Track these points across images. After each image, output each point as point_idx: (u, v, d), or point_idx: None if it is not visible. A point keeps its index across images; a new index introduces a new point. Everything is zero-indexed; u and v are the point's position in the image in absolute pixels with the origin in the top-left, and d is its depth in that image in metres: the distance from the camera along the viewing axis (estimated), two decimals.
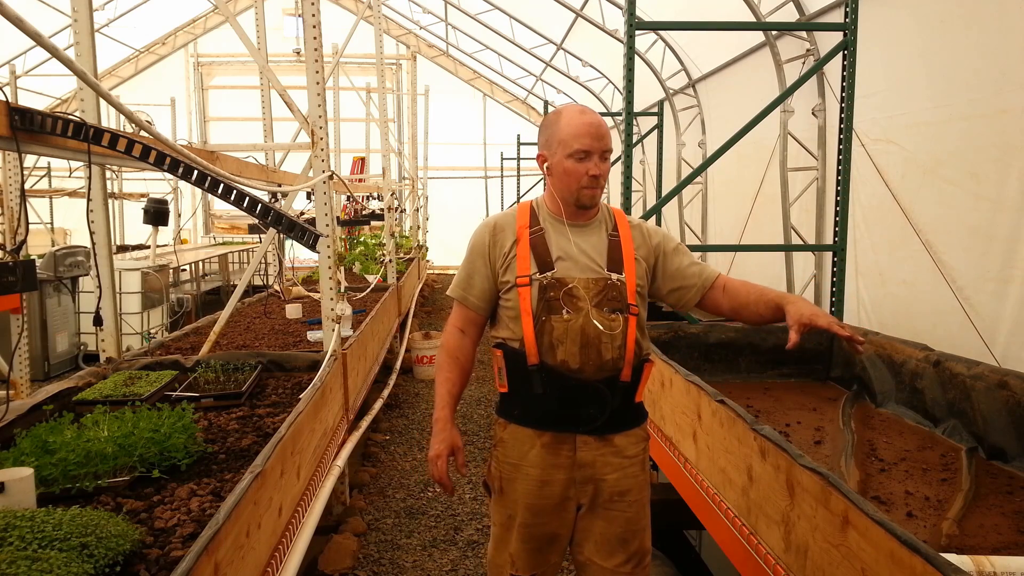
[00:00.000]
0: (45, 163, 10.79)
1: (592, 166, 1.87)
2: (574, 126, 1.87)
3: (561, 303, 1.84)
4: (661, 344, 3.82)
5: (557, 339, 1.83)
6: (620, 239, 1.94)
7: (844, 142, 3.93)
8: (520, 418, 1.90)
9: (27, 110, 2.15)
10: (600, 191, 1.92)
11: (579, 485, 1.88)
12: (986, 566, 1.69)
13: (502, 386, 1.92)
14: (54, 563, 1.46)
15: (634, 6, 3.88)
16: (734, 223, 6.74)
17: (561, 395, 1.84)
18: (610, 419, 1.87)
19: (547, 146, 1.94)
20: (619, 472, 1.89)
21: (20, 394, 3.67)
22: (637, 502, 1.92)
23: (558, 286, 1.85)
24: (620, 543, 1.90)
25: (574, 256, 1.90)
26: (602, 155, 1.89)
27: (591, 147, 1.86)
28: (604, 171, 1.90)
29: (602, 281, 1.87)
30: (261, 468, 1.93)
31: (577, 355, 1.82)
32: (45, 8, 10.40)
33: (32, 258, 3.85)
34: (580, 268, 1.89)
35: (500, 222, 2.00)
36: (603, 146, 1.89)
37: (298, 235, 2.93)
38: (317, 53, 3.44)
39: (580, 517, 1.92)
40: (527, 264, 1.88)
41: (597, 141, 1.87)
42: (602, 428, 1.87)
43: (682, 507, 3.08)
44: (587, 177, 1.87)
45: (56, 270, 6.88)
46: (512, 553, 1.92)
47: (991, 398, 2.73)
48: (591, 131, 1.87)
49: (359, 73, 12.73)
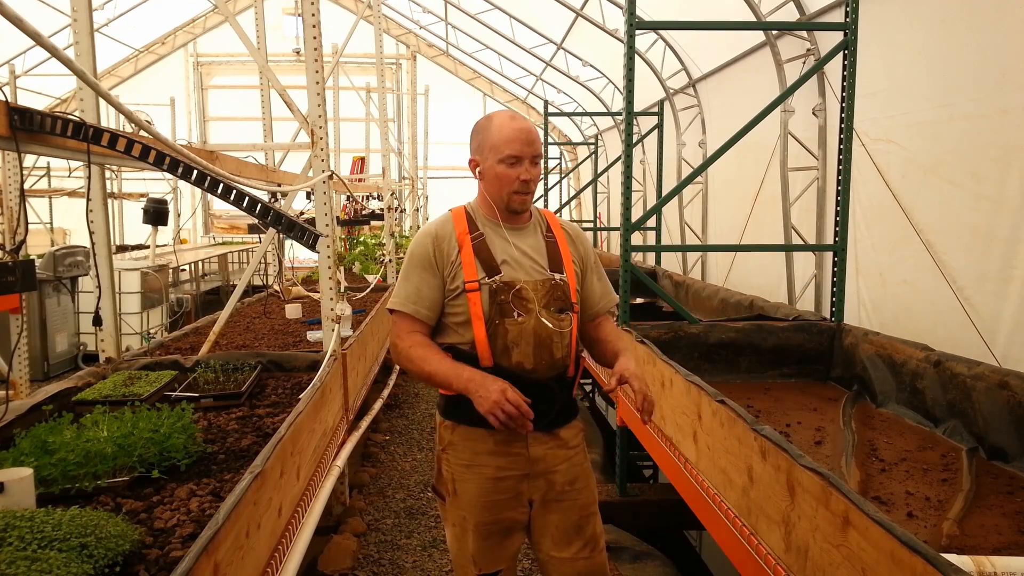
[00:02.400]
0: (44, 163, 10.79)
1: (523, 171, 1.91)
2: (505, 132, 1.90)
3: (512, 306, 1.88)
4: (661, 344, 3.82)
5: (512, 341, 1.87)
6: (556, 241, 2.01)
7: (844, 142, 3.93)
8: (471, 419, 1.85)
9: (27, 110, 2.15)
10: (530, 196, 1.97)
11: (531, 480, 1.93)
12: (987, 566, 1.69)
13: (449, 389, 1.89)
14: (53, 563, 1.46)
15: (634, 6, 3.88)
16: (734, 223, 6.74)
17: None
18: (558, 414, 1.95)
19: (479, 151, 1.98)
20: (567, 463, 1.96)
21: (19, 394, 3.67)
22: (586, 488, 1.99)
23: (507, 289, 1.89)
24: (576, 531, 1.96)
25: (517, 259, 1.94)
26: (532, 160, 1.93)
27: (521, 152, 1.90)
28: (535, 176, 1.94)
29: (548, 282, 1.93)
30: (261, 468, 1.92)
31: (532, 356, 1.87)
32: (45, 8, 10.39)
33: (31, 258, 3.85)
34: (525, 270, 1.93)
35: (439, 231, 1.99)
36: (533, 151, 1.93)
37: (298, 235, 2.93)
38: (317, 53, 3.44)
39: (535, 514, 1.96)
40: (473, 270, 1.91)
41: (528, 147, 1.91)
42: (550, 423, 1.93)
43: (682, 507, 3.08)
44: (518, 182, 1.91)
45: (55, 270, 6.88)
46: (472, 553, 1.93)
47: (992, 398, 2.73)
48: (521, 136, 1.90)
49: (359, 73, 12.73)
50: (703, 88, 7.73)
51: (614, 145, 12.76)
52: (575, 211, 15.63)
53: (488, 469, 1.91)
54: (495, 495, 1.91)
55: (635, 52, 3.97)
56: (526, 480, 1.92)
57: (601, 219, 12.99)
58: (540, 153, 1.96)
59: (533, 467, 1.91)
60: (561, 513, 1.94)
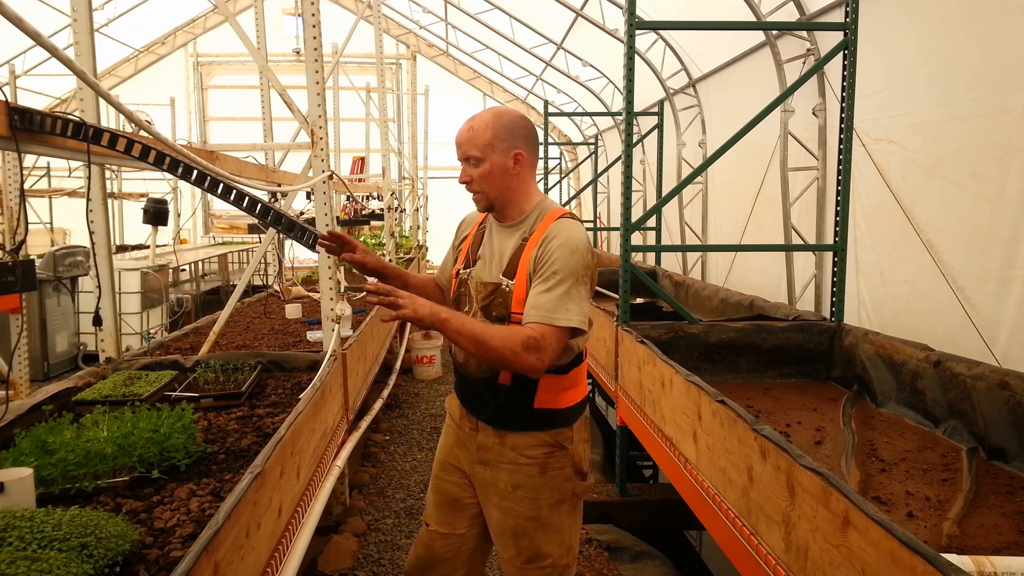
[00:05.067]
0: (44, 163, 10.79)
1: (461, 173, 1.97)
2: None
3: (460, 301, 2.01)
4: (661, 344, 3.82)
5: None
6: (526, 246, 1.91)
7: (844, 142, 3.93)
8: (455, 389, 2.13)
9: (26, 110, 2.15)
10: (480, 195, 1.97)
11: (479, 465, 2.02)
12: (987, 566, 1.69)
13: None
14: (53, 563, 1.46)
15: (634, 6, 3.88)
16: (734, 223, 6.74)
17: (459, 381, 2.09)
18: (498, 416, 1.96)
19: None
20: (513, 466, 1.96)
21: (19, 394, 3.66)
22: (528, 499, 1.95)
23: (460, 283, 2.02)
24: (512, 537, 1.97)
25: (487, 257, 2.00)
26: (466, 161, 1.94)
27: (457, 157, 1.97)
28: (474, 176, 1.94)
29: (492, 285, 1.94)
30: (261, 468, 1.92)
31: (461, 351, 1.96)
32: (44, 8, 10.39)
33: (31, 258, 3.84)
34: (484, 270, 1.98)
35: (468, 218, 2.18)
36: (462, 154, 1.94)
37: (298, 235, 2.93)
38: (317, 53, 3.44)
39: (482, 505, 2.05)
40: (462, 259, 2.06)
41: (457, 150, 1.95)
42: (492, 422, 1.98)
43: (682, 507, 3.08)
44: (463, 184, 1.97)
45: (55, 270, 6.88)
46: (428, 502, 2.15)
47: (992, 398, 2.73)
48: (456, 140, 1.95)
49: (359, 73, 12.72)
50: (703, 88, 7.73)
51: (614, 145, 12.76)
52: (575, 211, 15.64)
53: (450, 436, 2.13)
54: (449, 457, 2.11)
55: (635, 52, 3.97)
56: (477, 464, 2.02)
57: (601, 219, 12.99)
58: (473, 154, 1.92)
59: (479, 453, 2.01)
60: (502, 512, 1.98)
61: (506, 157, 1.94)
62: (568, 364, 1.95)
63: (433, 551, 2.09)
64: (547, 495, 1.95)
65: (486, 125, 1.93)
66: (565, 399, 1.96)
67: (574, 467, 1.98)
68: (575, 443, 1.98)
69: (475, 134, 1.93)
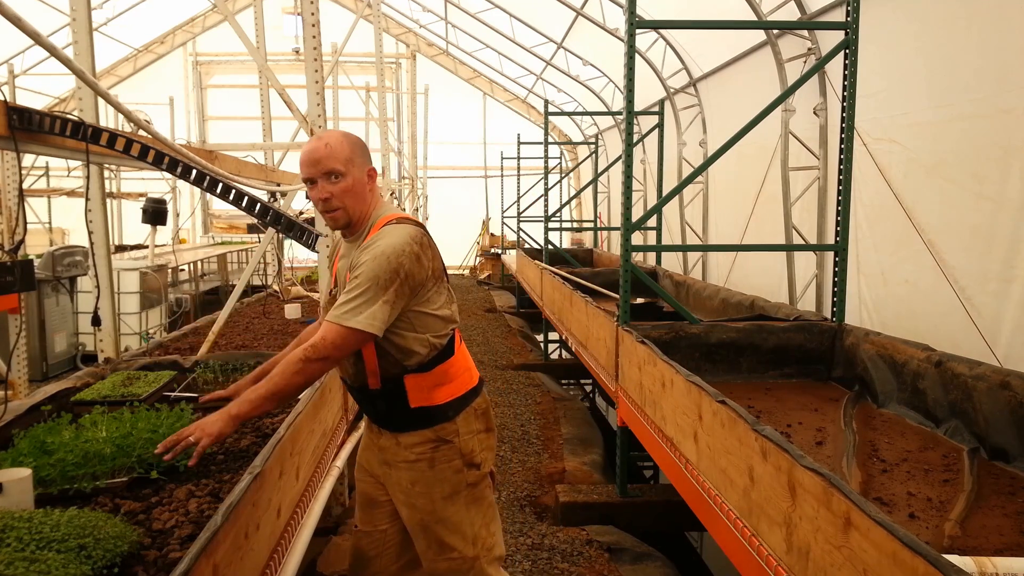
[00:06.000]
0: (43, 162, 10.78)
1: (319, 191, 1.93)
2: (301, 158, 1.95)
3: None
4: (662, 344, 3.81)
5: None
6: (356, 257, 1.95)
7: (845, 141, 3.92)
8: None
9: (25, 109, 2.15)
10: (340, 211, 1.95)
11: (384, 467, 2.12)
12: (988, 567, 1.68)
13: None
14: (52, 564, 1.45)
15: (635, 5, 3.87)
16: (735, 223, 6.73)
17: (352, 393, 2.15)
18: (381, 418, 2.09)
19: None
20: (408, 464, 2.06)
21: (18, 394, 3.66)
22: (424, 494, 2.05)
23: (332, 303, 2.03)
24: (421, 529, 2.09)
25: (339, 274, 2.06)
26: (326, 177, 1.92)
27: (310, 174, 1.93)
28: (335, 192, 1.92)
29: (333, 301, 2.02)
30: (260, 469, 1.92)
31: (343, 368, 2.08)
32: (44, 7, 10.38)
33: (30, 258, 3.84)
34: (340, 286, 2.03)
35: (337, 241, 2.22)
36: (322, 169, 1.91)
37: (297, 235, 2.92)
38: (316, 52, 3.43)
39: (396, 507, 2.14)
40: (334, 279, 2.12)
41: (313, 167, 1.92)
42: (382, 424, 2.09)
43: (683, 508, 3.07)
44: (320, 202, 1.94)
45: (54, 270, 6.87)
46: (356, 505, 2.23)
47: (993, 398, 2.72)
48: (306, 159, 1.93)
49: (358, 72, 12.73)
50: (704, 87, 7.73)
51: (614, 145, 12.76)
52: (575, 211, 15.64)
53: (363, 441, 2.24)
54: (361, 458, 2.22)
55: (635, 51, 3.96)
56: (381, 465, 2.13)
57: (601, 219, 12.99)
58: (333, 168, 1.91)
59: (381, 454, 2.12)
60: (408, 508, 2.09)
61: (363, 172, 1.98)
62: (429, 362, 2.00)
63: (361, 549, 2.20)
64: (439, 488, 2.05)
65: (341, 141, 1.95)
66: (440, 395, 2.04)
67: (463, 459, 2.06)
68: (461, 436, 2.06)
69: (333, 150, 1.92)
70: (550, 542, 3.72)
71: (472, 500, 2.08)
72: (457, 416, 2.06)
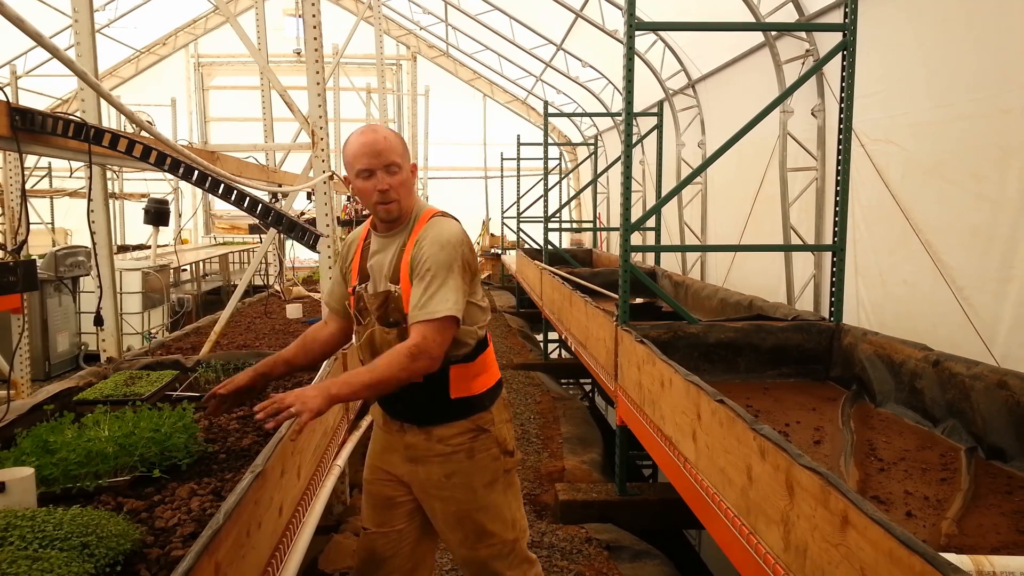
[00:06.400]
0: (46, 163, 10.79)
1: (378, 182, 1.96)
2: (354, 148, 1.98)
3: (360, 314, 2.08)
4: (661, 344, 3.82)
5: (360, 345, 2.10)
6: (406, 250, 2.00)
7: (844, 142, 3.93)
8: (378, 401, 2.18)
9: (28, 110, 2.16)
10: (395, 204, 2.00)
11: (409, 464, 2.10)
12: (985, 566, 1.69)
13: None
14: (55, 563, 1.46)
15: (634, 6, 3.89)
16: (734, 223, 6.74)
17: None
18: (421, 413, 2.06)
19: (346, 170, 2.06)
20: (443, 457, 2.06)
21: (21, 394, 3.67)
22: (463, 485, 2.07)
23: (358, 299, 2.07)
24: (457, 522, 2.10)
25: (375, 269, 2.06)
26: (386, 169, 1.97)
27: (371, 165, 1.96)
28: (393, 184, 1.98)
29: (383, 294, 2.02)
30: (261, 468, 1.93)
31: (369, 360, 2.04)
32: (46, 8, 10.40)
33: (33, 258, 3.85)
34: (374, 281, 2.05)
35: (351, 236, 2.20)
36: (383, 161, 1.97)
37: (298, 235, 2.94)
38: (317, 53, 3.45)
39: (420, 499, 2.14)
40: (355, 276, 2.11)
41: (375, 158, 1.96)
42: (417, 420, 2.07)
43: (682, 506, 3.08)
44: (376, 193, 1.97)
45: (57, 270, 6.88)
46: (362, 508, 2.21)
47: (990, 398, 2.73)
48: (367, 150, 1.96)
49: (359, 73, 12.74)
50: (702, 89, 7.74)
51: (614, 146, 12.77)
52: (575, 211, 15.64)
53: (379, 440, 2.20)
54: (381, 462, 2.18)
55: (634, 53, 3.97)
56: (408, 463, 2.11)
57: (601, 219, 13.00)
58: (394, 160, 1.97)
59: (409, 452, 2.10)
60: (442, 502, 2.09)
61: (409, 167, 2.05)
62: (473, 352, 2.07)
63: (376, 550, 2.18)
64: (479, 477, 2.08)
65: (394, 136, 2.03)
66: (478, 385, 2.08)
67: (499, 447, 2.11)
68: (496, 424, 2.11)
69: (391, 143, 1.99)
70: (550, 540, 3.73)
71: (507, 485, 2.14)
72: (492, 405, 2.11)
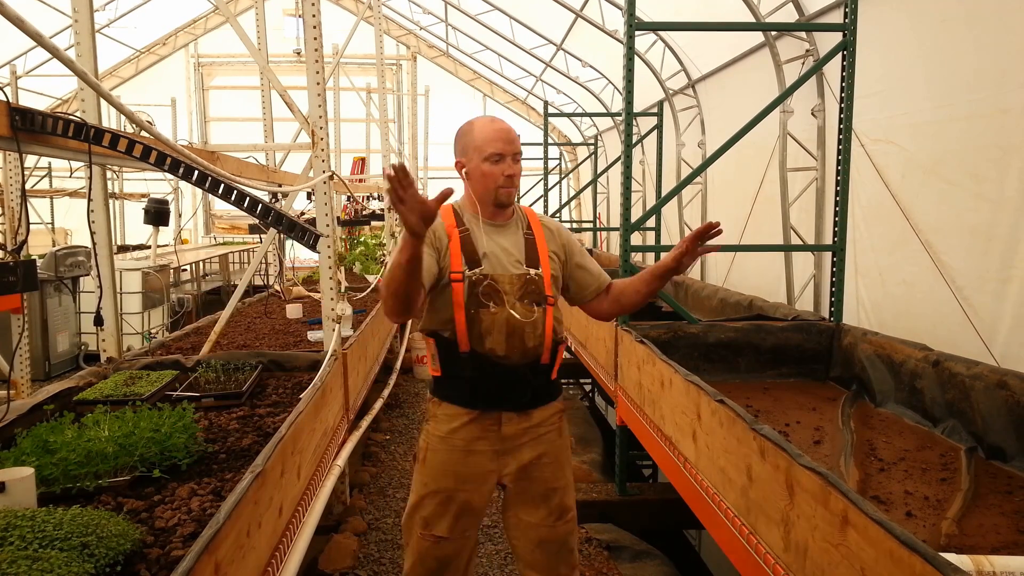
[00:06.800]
0: (46, 163, 10.79)
1: (506, 167, 2.08)
2: (487, 132, 2.09)
3: (488, 297, 2.06)
4: (660, 344, 3.82)
5: (486, 330, 2.03)
6: (535, 237, 2.16)
7: (843, 142, 3.93)
8: (451, 397, 2.10)
9: (28, 110, 2.16)
10: (515, 190, 2.15)
11: (502, 457, 2.10)
12: (985, 566, 1.69)
13: (435, 370, 2.13)
14: (55, 563, 1.46)
15: (634, 7, 3.89)
16: (734, 223, 6.74)
17: (489, 378, 2.05)
18: (534, 396, 2.12)
19: (463, 153, 2.15)
20: (535, 440, 2.12)
21: (21, 394, 3.67)
22: (553, 462, 2.15)
23: (483, 281, 2.06)
24: (542, 499, 2.13)
25: (497, 254, 2.10)
26: (514, 157, 2.10)
27: (504, 150, 2.07)
28: (517, 172, 2.12)
29: (523, 276, 2.09)
30: (261, 468, 1.93)
31: (503, 343, 2.03)
32: (46, 8, 10.39)
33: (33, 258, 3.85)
34: (503, 265, 2.09)
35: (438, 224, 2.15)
36: (514, 149, 2.11)
37: (298, 235, 2.94)
38: (317, 53, 3.44)
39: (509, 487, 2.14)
40: (459, 261, 2.08)
41: (508, 145, 2.09)
42: (527, 405, 2.11)
43: (682, 506, 3.08)
44: (503, 177, 2.08)
45: (57, 270, 6.88)
46: (426, 517, 2.10)
47: (990, 398, 2.74)
48: (502, 136, 2.09)
49: (359, 73, 12.73)
50: (702, 89, 7.74)
51: (614, 145, 12.76)
52: (575, 211, 15.63)
53: (460, 442, 2.08)
54: (465, 468, 2.08)
55: (634, 53, 3.97)
56: (497, 457, 2.09)
57: (601, 219, 12.99)
58: (520, 152, 2.13)
59: (504, 444, 2.09)
60: (528, 481, 2.12)
61: None
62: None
63: (444, 559, 2.12)
64: (565, 455, 2.19)
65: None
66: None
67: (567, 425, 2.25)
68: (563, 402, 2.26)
69: (516, 135, 2.14)
70: None
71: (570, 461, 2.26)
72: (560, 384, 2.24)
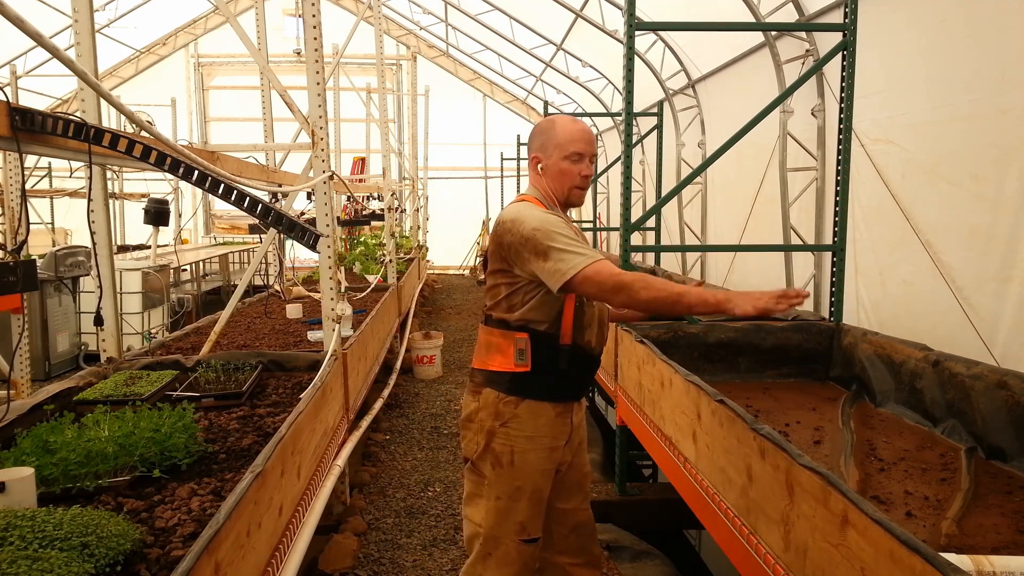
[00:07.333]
0: (46, 163, 10.79)
1: (584, 167, 2.12)
2: (569, 131, 2.10)
3: None
4: (660, 344, 3.83)
5: (587, 323, 2.10)
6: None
7: (843, 142, 3.93)
8: (539, 393, 2.07)
9: (28, 110, 2.16)
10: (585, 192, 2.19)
11: (569, 446, 2.18)
12: (985, 566, 1.69)
13: (523, 366, 2.04)
14: (55, 563, 1.46)
15: (634, 6, 3.89)
16: (734, 223, 6.74)
17: (581, 370, 2.12)
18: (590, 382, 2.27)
19: (542, 149, 2.14)
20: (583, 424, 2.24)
21: (21, 394, 3.67)
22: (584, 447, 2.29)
23: None
24: (577, 486, 2.23)
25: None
26: (591, 159, 2.15)
27: (584, 151, 2.11)
28: (590, 174, 2.17)
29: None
30: (261, 468, 1.93)
31: (596, 335, 2.13)
32: (46, 8, 10.40)
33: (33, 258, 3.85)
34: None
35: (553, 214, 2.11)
36: (593, 151, 2.16)
37: (298, 235, 2.93)
38: (317, 53, 3.44)
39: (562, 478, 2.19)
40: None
41: (589, 146, 2.13)
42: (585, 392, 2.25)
43: (682, 507, 3.08)
44: (580, 177, 2.11)
45: (57, 270, 6.88)
46: (522, 521, 2.07)
47: (990, 398, 2.74)
48: (585, 137, 2.11)
49: (359, 73, 12.74)
50: (702, 89, 7.74)
51: (613, 145, 12.76)
52: (575, 211, 15.63)
53: (546, 439, 2.09)
54: (549, 464, 2.11)
55: (634, 53, 3.97)
56: (568, 451, 2.18)
57: (601, 219, 12.99)
58: (596, 153, 2.17)
59: (574, 434, 2.19)
60: (572, 469, 2.20)
61: None
62: None
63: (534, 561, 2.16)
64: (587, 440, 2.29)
65: None
66: None
67: None
68: None
69: (594, 138, 2.19)
70: None
71: None
72: None
